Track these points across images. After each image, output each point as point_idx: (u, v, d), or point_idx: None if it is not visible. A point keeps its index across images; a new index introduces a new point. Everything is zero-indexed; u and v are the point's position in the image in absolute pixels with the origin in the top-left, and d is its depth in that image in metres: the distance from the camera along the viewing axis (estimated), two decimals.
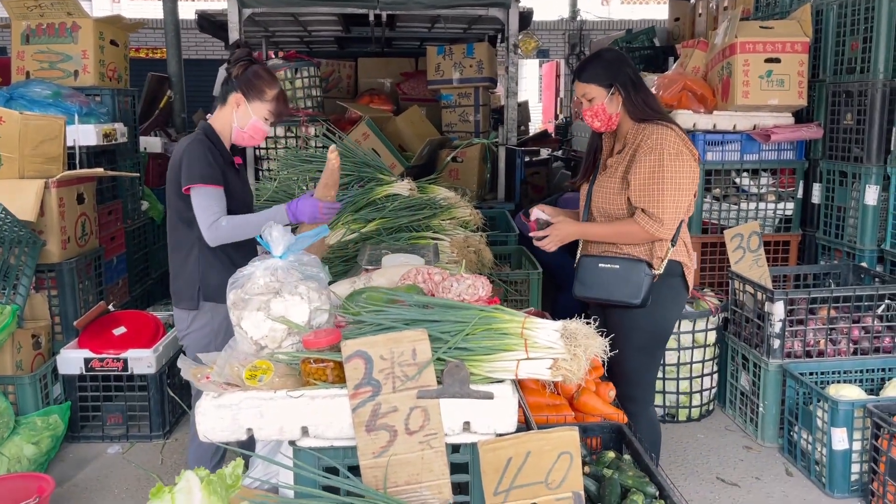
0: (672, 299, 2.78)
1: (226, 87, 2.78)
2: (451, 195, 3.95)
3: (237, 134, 2.79)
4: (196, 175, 2.63)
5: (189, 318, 2.78)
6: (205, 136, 2.74)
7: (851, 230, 4.07)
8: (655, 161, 2.62)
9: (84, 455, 3.67)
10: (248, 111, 2.74)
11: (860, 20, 3.94)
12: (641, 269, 2.68)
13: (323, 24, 6.52)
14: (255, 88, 2.73)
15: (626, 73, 2.72)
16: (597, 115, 2.75)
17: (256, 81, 2.73)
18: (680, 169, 2.62)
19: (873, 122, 3.87)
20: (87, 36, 4.38)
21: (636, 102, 2.71)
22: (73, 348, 3.74)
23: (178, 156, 2.70)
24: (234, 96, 2.74)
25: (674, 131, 2.67)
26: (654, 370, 2.94)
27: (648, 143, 2.64)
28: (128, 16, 4.95)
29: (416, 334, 1.76)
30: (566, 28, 15.27)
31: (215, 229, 2.62)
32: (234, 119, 2.76)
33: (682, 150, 2.64)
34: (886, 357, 3.58)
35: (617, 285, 2.70)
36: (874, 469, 3.10)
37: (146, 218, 5.23)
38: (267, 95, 2.74)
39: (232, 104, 2.75)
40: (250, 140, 2.82)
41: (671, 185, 2.61)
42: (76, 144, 4.07)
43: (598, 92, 2.72)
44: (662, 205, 2.61)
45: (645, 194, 2.63)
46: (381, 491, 1.74)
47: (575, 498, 1.77)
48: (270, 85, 2.76)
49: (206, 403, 1.76)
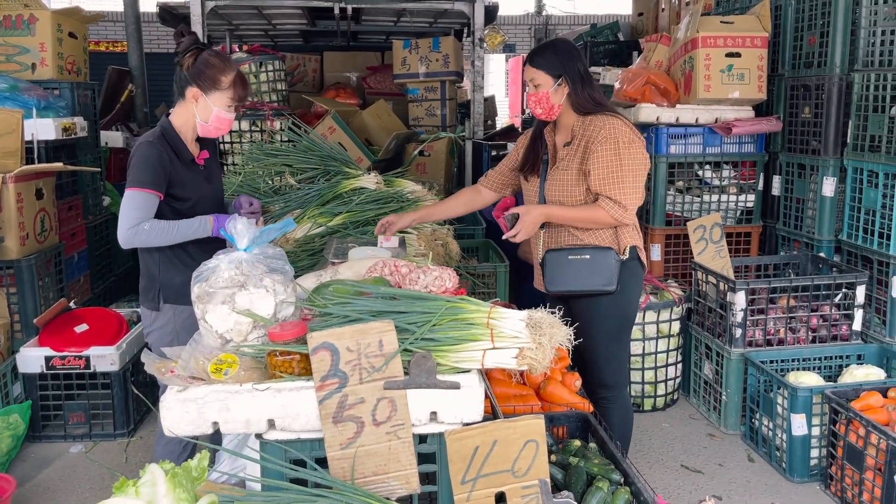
0: (634, 281, 2.85)
1: (180, 81, 2.67)
2: (419, 189, 3.96)
3: (202, 128, 2.70)
4: (132, 178, 2.57)
5: (152, 317, 2.74)
6: (160, 137, 2.65)
7: (810, 221, 4.16)
8: (612, 150, 2.68)
9: (46, 455, 3.60)
10: (207, 104, 2.64)
11: (817, 16, 4.02)
12: (611, 255, 2.75)
13: (288, 17, 6.47)
14: (209, 79, 2.61)
15: (576, 67, 2.76)
16: (539, 102, 2.78)
17: (209, 71, 2.61)
18: (635, 156, 2.70)
19: (830, 116, 3.96)
20: (45, 28, 4.29)
21: (582, 96, 2.77)
22: (33, 346, 3.66)
23: (131, 155, 2.64)
24: (190, 91, 2.64)
25: (622, 121, 2.75)
26: (624, 351, 3.01)
27: (602, 134, 2.70)
28: (87, 8, 4.84)
29: (382, 325, 1.76)
30: (532, 23, 15.35)
31: (133, 233, 2.53)
32: (196, 114, 2.67)
33: (634, 139, 2.73)
34: (843, 345, 3.68)
35: (590, 275, 2.75)
36: (832, 454, 3.18)
37: (108, 213, 5.14)
38: (223, 83, 2.62)
39: (190, 99, 2.65)
40: (217, 131, 2.72)
41: (630, 173, 2.69)
42: (34, 139, 3.98)
43: (546, 80, 2.76)
44: (624, 191, 2.68)
45: (607, 183, 2.69)
46: (348, 482, 1.75)
47: (541, 485, 1.79)
48: (224, 71, 2.63)
49: (170, 397, 1.74)
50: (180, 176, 2.66)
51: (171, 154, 2.65)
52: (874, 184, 3.63)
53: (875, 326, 3.75)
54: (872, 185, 3.64)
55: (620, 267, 2.74)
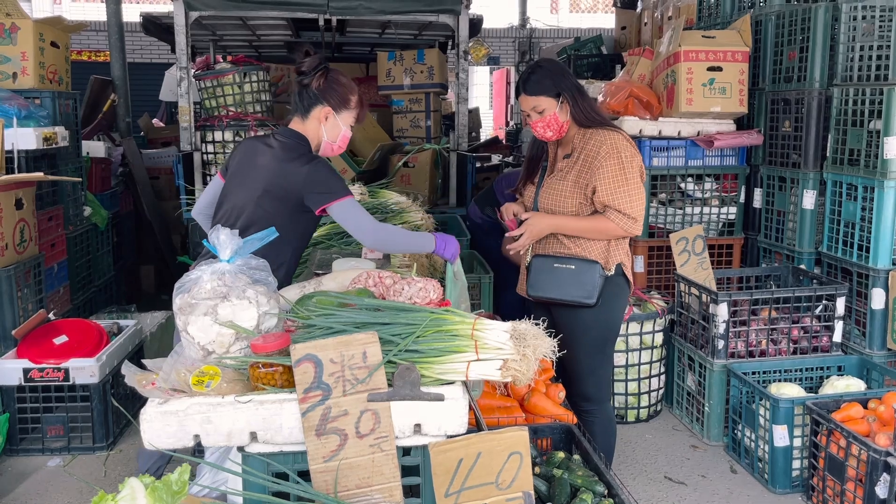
0: (618, 295, 2.86)
1: (306, 99, 2.63)
2: (403, 200, 3.96)
3: (328, 147, 2.68)
4: (338, 188, 2.52)
5: None
6: (314, 152, 2.65)
7: (791, 233, 4.20)
8: (616, 165, 2.73)
9: (23, 468, 3.55)
10: (337, 123, 2.64)
11: (797, 31, 4.08)
12: (596, 269, 2.76)
13: (272, 28, 6.46)
14: (341, 98, 2.63)
15: (570, 81, 2.81)
16: (549, 126, 2.80)
17: (341, 90, 2.63)
18: (636, 169, 2.77)
19: (810, 130, 4.01)
20: (27, 37, 4.26)
21: (583, 109, 2.80)
22: (11, 358, 3.61)
23: (298, 175, 2.52)
24: (320, 110, 2.62)
25: (622, 136, 2.79)
26: (607, 366, 3.01)
27: (605, 150, 2.74)
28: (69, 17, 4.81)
29: (366, 337, 1.75)
30: (516, 35, 15.44)
31: (381, 229, 2.52)
32: (324, 133, 2.65)
33: (635, 153, 2.78)
34: (824, 356, 3.71)
35: (572, 285, 2.76)
36: (814, 465, 3.20)
37: (89, 224, 5.09)
38: (352, 103, 2.66)
39: (318, 118, 2.63)
40: (338, 150, 2.73)
41: (635, 186, 2.75)
42: (14, 148, 3.94)
43: (549, 103, 2.77)
44: (632, 204, 2.73)
45: (616, 196, 2.73)
46: (331, 495, 1.73)
47: (525, 498, 1.78)
48: (353, 91, 2.67)
49: (151, 410, 1.72)
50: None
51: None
52: (853, 197, 3.67)
53: (855, 338, 3.79)
54: (851, 198, 3.69)
55: (605, 282, 2.76)
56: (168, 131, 7.83)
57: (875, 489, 2.78)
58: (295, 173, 2.53)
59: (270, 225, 2.52)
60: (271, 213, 2.54)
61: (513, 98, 14.84)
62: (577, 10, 17.64)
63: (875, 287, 3.58)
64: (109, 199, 5.72)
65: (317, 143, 2.69)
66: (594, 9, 17.59)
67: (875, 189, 3.52)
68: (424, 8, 5.26)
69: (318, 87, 2.61)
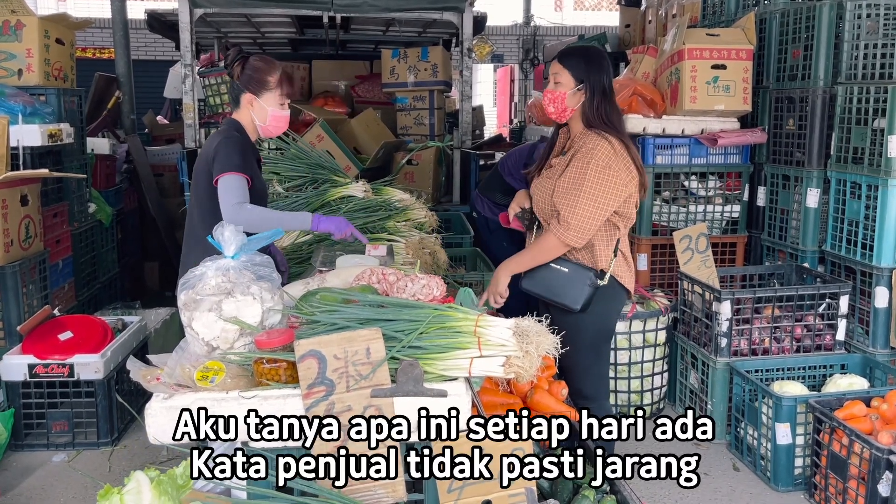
0: (612, 298, 2.84)
1: (233, 90, 2.85)
2: (407, 197, 3.96)
3: (263, 129, 2.87)
4: (226, 163, 2.66)
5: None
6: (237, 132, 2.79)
7: (794, 232, 4.20)
8: (580, 169, 2.65)
9: (28, 463, 3.56)
10: (261, 105, 2.80)
11: (801, 29, 4.07)
12: (586, 277, 2.72)
13: (276, 25, 6.47)
14: (259, 82, 2.79)
15: (600, 79, 2.74)
16: (553, 101, 2.77)
17: (257, 75, 2.79)
18: (602, 182, 2.63)
19: (814, 128, 4.00)
20: (32, 34, 4.27)
21: (597, 110, 2.73)
22: (16, 354, 3.63)
23: (211, 151, 2.72)
24: (244, 97, 2.81)
25: (610, 144, 2.67)
26: (601, 365, 2.99)
27: (582, 152, 2.68)
28: (74, 14, 4.84)
29: (370, 333, 1.76)
30: (520, 33, 15.43)
31: (238, 210, 2.60)
32: (254, 118, 2.83)
33: (611, 164, 2.65)
34: (827, 354, 3.71)
35: (561, 288, 2.74)
36: (816, 463, 3.20)
37: (93, 220, 5.10)
38: (271, 83, 2.80)
39: (246, 105, 2.82)
40: (276, 130, 2.89)
41: (587, 196, 2.63)
42: (20, 145, 3.95)
43: (567, 81, 2.74)
44: (573, 211, 2.64)
45: (561, 199, 2.68)
46: (335, 490, 1.74)
47: (528, 494, 1.79)
48: (269, 72, 2.80)
49: (156, 405, 1.73)
50: (256, 172, 2.81)
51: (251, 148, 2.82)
52: (857, 195, 3.67)
53: (858, 336, 3.78)
54: (855, 197, 3.69)
55: (597, 288, 2.74)
56: (172, 128, 7.85)
57: (877, 487, 2.79)
58: (212, 149, 2.74)
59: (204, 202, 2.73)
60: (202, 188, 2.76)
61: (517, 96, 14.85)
62: (582, 8, 17.62)
63: (878, 285, 3.57)
64: (114, 196, 5.73)
65: (253, 128, 2.87)
66: (598, 6, 17.56)
67: (879, 187, 3.51)
68: (429, 5, 5.26)
69: (238, 77, 2.82)
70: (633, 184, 2.72)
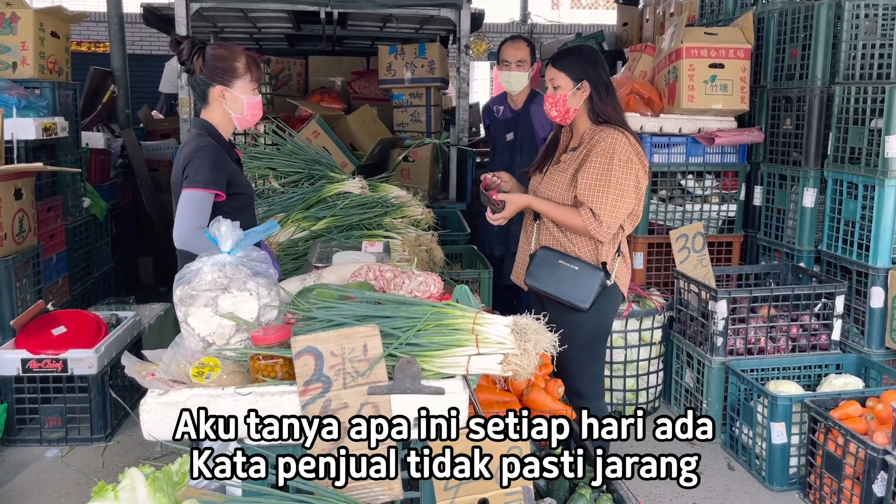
0: (610, 299, 2.86)
1: (198, 87, 2.65)
2: (403, 194, 3.95)
3: (239, 121, 2.69)
4: (195, 178, 2.48)
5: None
6: (210, 138, 2.61)
7: (790, 232, 4.20)
8: (605, 164, 2.69)
9: (21, 459, 3.54)
10: (235, 96, 2.63)
11: (799, 28, 4.07)
12: (597, 276, 2.75)
13: (273, 20, 6.44)
14: (226, 71, 2.61)
15: (599, 75, 2.77)
16: (556, 105, 2.79)
17: (223, 64, 2.61)
18: (626, 176, 2.69)
19: (811, 128, 4.00)
20: (27, 27, 4.24)
21: (602, 105, 2.77)
22: (9, 349, 3.61)
23: (182, 161, 2.55)
24: (213, 91, 2.63)
25: (627, 139, 2.73)
26: (597, 363, 3.00)
27: (602, 146, 2.71)
28: (70, 8, 4.80)
29: (367, 330, 1.75)
30: (517, 31, 15.39)
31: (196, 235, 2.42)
32: (229, 110, 2.65)
33: (632, 158, 2.71)
34: (823, 354, 3.71)
35: (571, 286, 2.75)
36: (811, 462, 3.20)
37: (88, 215, 5.08)
38: (240, 70, 2.62)
39: (216, 99, 2.64)
40: (253, 119, 2.71)
41: (615, 190, 2.68)
42: (14, 138, 3.92)
43: (566, 82, 2.76)
44: (604, 206, 2.68)
45: (591, 194, 2.70)
46: (330, 487, 1.73)
47: (524, 492, 1.79)
48: (235, 57, 2.63)
49: (151, 401, 1.72)
50: (234, 172, 2.66)
51: (224, 153, 2.64)
52: (853, 195, 3.67)
53: (854, 336, 3.79)
54: (852, 197, 3.69)
55: (605, 287, 2.75)
56: (168, 123, 7.81)
57: (872, 487, 2.79)
58: (184, 158, 2.55)
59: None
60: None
61: None
62: (579, 6, 17.61)
63: (874, 286, 3.58)
64: (108, 191, 5.70)
65: (228, 122, 2.69)
66: (595, 5, 17.56)
67: (875, 188, 3.51)
68: (426, 2, 5.25)
69: (201, 70, 2.61)
70: (647, 179, 2.79)
